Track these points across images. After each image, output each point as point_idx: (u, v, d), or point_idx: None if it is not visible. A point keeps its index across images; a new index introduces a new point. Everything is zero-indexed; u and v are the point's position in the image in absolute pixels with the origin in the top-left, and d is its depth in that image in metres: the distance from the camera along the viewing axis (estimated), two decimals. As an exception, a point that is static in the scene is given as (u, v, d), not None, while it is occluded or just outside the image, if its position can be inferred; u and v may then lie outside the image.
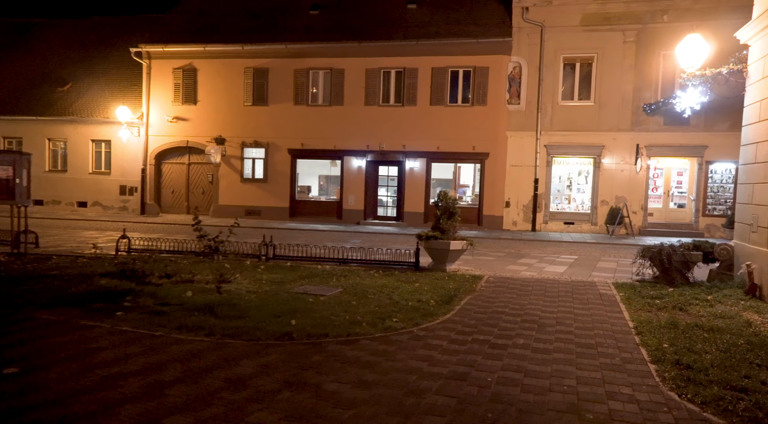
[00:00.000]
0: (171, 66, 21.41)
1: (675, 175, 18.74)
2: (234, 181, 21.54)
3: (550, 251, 14.03)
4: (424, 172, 20.27)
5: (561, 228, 19.13)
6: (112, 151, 22.07)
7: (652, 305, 7.21)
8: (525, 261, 11.85)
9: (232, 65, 21.04)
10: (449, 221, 9.80)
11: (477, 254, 12.58)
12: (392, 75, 20.28)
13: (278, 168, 21.22)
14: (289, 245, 10.87)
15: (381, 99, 20.37)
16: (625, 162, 18.54)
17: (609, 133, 18.60)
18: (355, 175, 20.76)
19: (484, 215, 19.80)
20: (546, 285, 8.75)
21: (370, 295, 7.32)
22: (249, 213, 21.45)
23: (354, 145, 20.53)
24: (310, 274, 8.91)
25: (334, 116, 20.59)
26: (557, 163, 19.37)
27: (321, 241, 14.93)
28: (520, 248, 14.76)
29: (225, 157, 21.42)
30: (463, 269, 10.19)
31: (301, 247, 10.92)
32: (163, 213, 22.13)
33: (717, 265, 9.24)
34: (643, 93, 18.35)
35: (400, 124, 20.16)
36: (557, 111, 19.07)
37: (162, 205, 22.31)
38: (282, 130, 20.98)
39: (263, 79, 20.94)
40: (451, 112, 19.79)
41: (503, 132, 19.44)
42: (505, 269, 10.52)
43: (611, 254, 13.82)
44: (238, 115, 21.24)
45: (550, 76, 19.04)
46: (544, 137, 19.12)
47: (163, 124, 21.64)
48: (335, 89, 20.54)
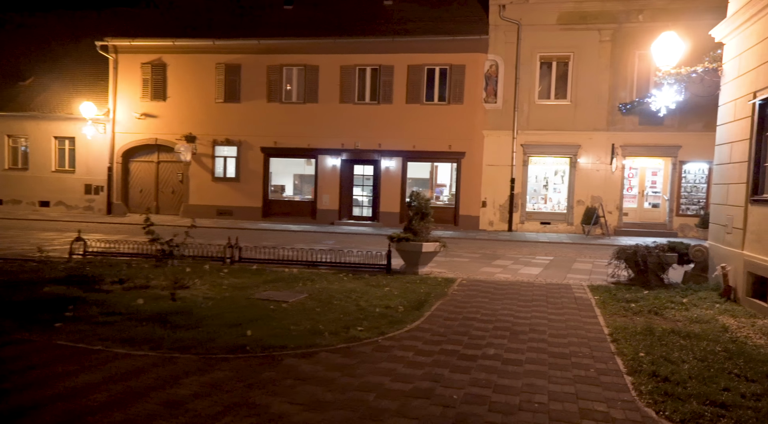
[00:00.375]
0: (139, 61, 20.68)
1: (649, 175, 18.78)
2: (205, 180, 20.93)
3: (525, 252, 13.84)
4: (400, 172, 19.95)
5: (537, 228, 19.01)
6: (77, 149, 21.25)
7: (628, 309, 6.99)
8: (500, 262, 11.61)
9: (203, 61, 20.42)
10: (422, 222, 9.48)
11: (452, 256, 12.32)
12: (368, 72, 19.92)
13: (251, 167, 20.68)
14: (257, 247, 10.44)
15: (356, 97, 19.99)
16: (601, 162, 18.50)
17: (585, 133, 18.54)
18: (329, 175, 20.35)
19: (461, 215, 19.58)
20: (520, 288, 8.50)
21: (336, 301, 6.95)
22: (221, 213, 20.87)
23: (329, 144, 20.11)
24: (275, 278, 8.50)
25: (309, 114, 20.14)
26: (534, 162, 19.25)
27: (293, 242, 14.51)
28: (496, 248, 14.55)
29: (196, 155, 20.79)
30: (436, 271, 9.89)
31: (269, 249, 10.49)
32: (131, 213, 21.39)
33: (692, 266, 9.11)
34: (619, 92, 18.32)
35: (375, 123, 19.81)
36: (534, 110, 18.93)
37: (129, 204, 21.57)
38: (255, 128, 20.44)
39: (235, 75, 20.37)
40: (427, 110, 19.52)
41: (480, 131, 19.24)
42: (479, 271, 10.25)
43: (587, 254, 13.69)
44: (209, 113, 20.63)
45: (526, 75, 18.89)
46: (521, 136, 18.98)
47: (131, 121, 20.91)
48: (309, 86, 20.09)
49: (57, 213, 21.12)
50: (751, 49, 7.56)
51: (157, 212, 21.38)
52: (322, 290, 7.66)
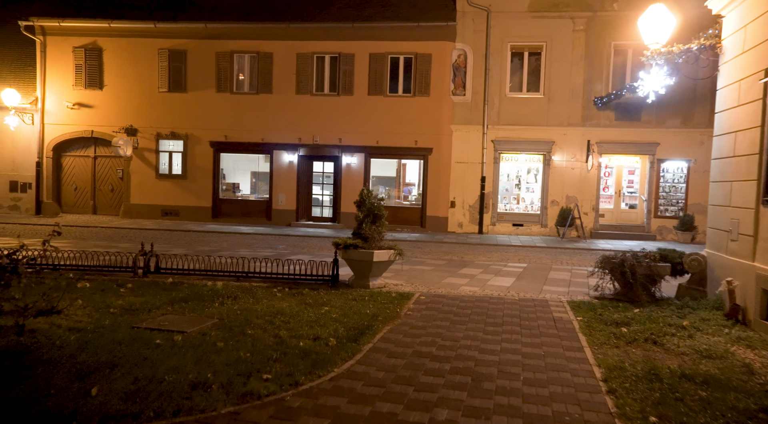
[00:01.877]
0: (71, 44, 18.61)
1: (626, 174, 17.70)
2: (148, 177, 18.99)
3: (496, 258, 12.47)
4: (362, 169, 18.42)
5: (509, 230, 17.73)
6: (0, 142, 19.02)
7: (620, 337, 5.61)
8: (468, 271, 10.18)
9: (143, 46, 18.48)
10: (374, 226, 7.97)
11: (413, 263, 10.85)
12: (326, 61, 18.31)
13: (199, 163, 18.84)
14: (188, 255, 8.77)
15: (314, 87, 18.37)
16: (576, 159, 17.33)
17: (559, 129, 17.34)
18: (285, 172, 18.68)
19: (428, 216, 18.16)
20: (489, 306, 7.06)
21: (251, 329, 5.37)
22: (166, 213, 18.97)
23: (284, 138, 18.44)
24: (189, 295, 6.85)
25: (262, 106, 18.42)
26: (505, 159, 17.97)
27: (237, 247, 12.82)
28: (464, 253, 13.15)
29: (137, 149, 18.84)
30: (391, 283, 8.39)
31: (201, 256, 8.84)
32: (65, 213, 19.30)
33: (687, 278, 7.83)
34: (594, 85, 17.18)
35: (335, 116, 18.23)
36: (505, 103, 17.65)
37: (63, 204, 19.47)
38: (203, 121, 18.62)
39: (180, 62, 18.50)
40: (391, 103, 18.03)
41: (447, 125, 17.86)
42: (442, 283, 8.79)
43: (563, 260, 12.40)
44: (152, 103, 18.71)
45: (497, 66, 17.59)
46: (492, 132, 17.67)
47: (63, 111, 18.81)
48: (263, 75, 18.37)
49: (-22, 213, 18.87)
50: (761, 18, 6.28)
51: (94, 212, 19.36)
52: (240, 312, 6.07)
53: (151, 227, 16.86)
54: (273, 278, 8.15)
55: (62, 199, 19.45)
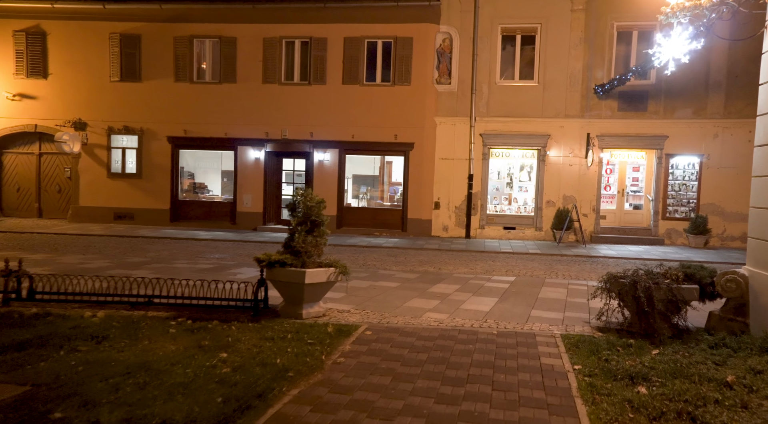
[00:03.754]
0: (10, 27, 16.71)
1: (630, 171, 15.84)
2: (99, 176, 17.09)
3: (481, 269, 10.60)
4: (336, 167, 16.54)
5: (500, 234, 15.86)
6: (-66, 138, 17.13)
7: (638, 406, 3.74)
8: (441, 288, 8.30)
9: (92, 30, 16.59)
10: (309, 237, 6.09)
11: (379, 277, 8.98)
12: (296, 46, 16.43)
13: (156, 161, 16.95)
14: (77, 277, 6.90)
15: (283, 76, 16.49)
16: (575, 155, 15.47)
17: (555, 120, 15.48)
18: (252, 170, 16.79)
19: (409, 219, 16.28)
20: (455, 346, 5.19)
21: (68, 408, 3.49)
22: (119, 217, 17.07)
23: (250, 133, 16.56)
24: (37, 337, 4.97)
25: (226, 97, 16.54)
26: (495, 155, 16.10)
27: (179, 257, 10.92)
28: (444, 263, 11.27)
29: (87, 145, 16.94)
30: (335, 310, 6.52)
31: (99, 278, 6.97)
32: (6, 217, 17.40)
33: (720, 303, 5.96)
34: (595, 72, 15.32)
35: (306, 107, 16.36)
36: (495, 93, 15.78)
37: (4, 206, 17.56)
38: (160, 114, 16.73)
39: (134, 48, 16.61)
40: (368, 92, 16.16)
41: (431, 118, 15.99)
42: (403, 308, 6.91)
43: (559, 271, 10.52)
44: (102, 94, 16.81)
45: (486, 51, 15.73)
46: (480, 124, 15.80)
47: (3, 102, 16.91)
48: (226, 63, 16.49)
49: None
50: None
51: (40, 216, 17.47)
52: (85, 368, 4.19)
53: (97, 232, 14.97)
54: (180, 305, 6.27)
55: (3, 201, 17.54)
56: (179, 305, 6.23)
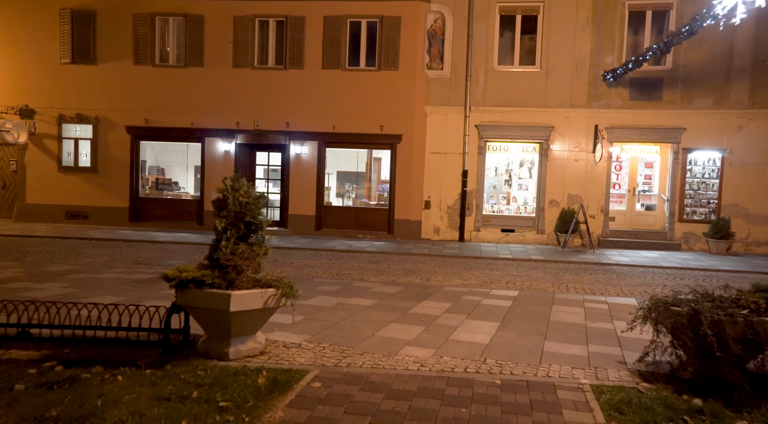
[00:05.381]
0: (-52, 2, 14.89)
1: (643, 168, 14.24)
2: (49, 170, 15.26)
3: (476, 279, 8.92)
4: (315, 161, 14.81)
5: (498, 237, 14.20)
6: None
7: None
8: (427, 308, 6.59)
9: (40, 4, 14.77)
10: (242, 246, 4.38)
11: (352, 291, 7.29)
12: (271, 26, 14.69)
13: (113, 153, 15.14)
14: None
15: (256, 59, 14.74)
16: (581, 149, 13.84)
17: (559, 111, 13.85)
18: (221, 165, 15.03)
19: (396, 220, 14.59)
20: (440, 409, 3.50)
21: None
22: (72, 216, 15.26)
23: (219, 123, 14.80)
24: None
25: (192, 82, 14.78)
26: (492, 149, 14.43)
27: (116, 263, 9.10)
28: (433, 272, 9.59)
29: (35, 135, 15.11)
30: (282, 343, 4.82)
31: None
32: (-53, 215, 15.54)
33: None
34: (604, 57, 13.69)
35: (282, 95, 14.63)
36: (492, 79, 14.12)
37: (-55, 203, 15.71)
38: (117, 101, 14.94)
39: (87, 26, 14.80)
40: (350, 78, 14.46)
41: (421, 107, 14.31)
42: (375, 339, 5.21)
43: (569, 282, 8.86)
44: (52, 78, 14.99)
45: (482, 33, 14.07)
46: (476, 115, 14.14)
47: (-60, 87, 15.07)
48: (192, 44, 14.72)
49: None
50: None
51: (-16, 214, 15.61)
52: None
53: (40, 233, 13.16)
54: (66, 339, 4.52)
55: (-57, 197, 15.70)
56: (63, 340, 4.49)
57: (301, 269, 9.67)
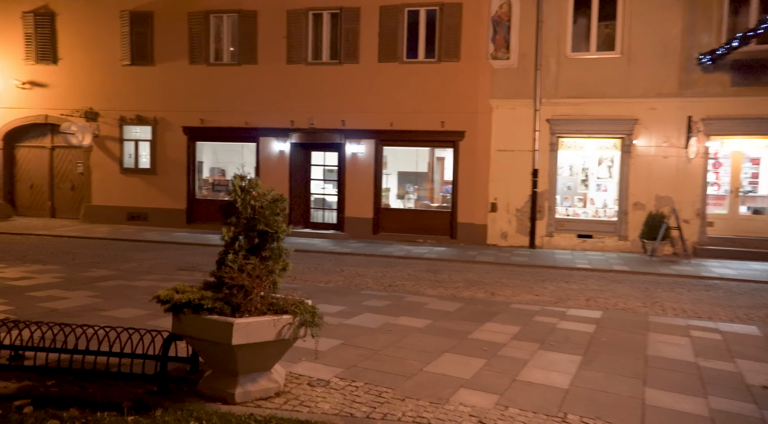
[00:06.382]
0: (19, 8, 15.29)
1: (748, 165, 12.28)
2: (111, 172, 15.39)
3: (549, 295, 7.68)
4: (372, 160, 13.98)
5: (573, 243, 12.73)
6: (-54, 131, 16.04)
7: None
8: (489, 333, 5.49)
9: (102, 7, 14.89)
10: (253, 260, 3.52)
11: (402, 308, 6.30)
12: (325, 19, 14.01)
13: (170, 154, 15.04)
14: None
15: (310, 54, 14.11)
16: (671, 144, 12.11)
17: (644, 101, 12.19)
18: (275, 165, 14.53)
19: (459, 224, 13.47)
20: None
21: None
22: (132, 217, 15.30)
23: (273, 122, 14.30)
24: None
25: (246, 80, 14.38)
26: (566, 146, 12.98)
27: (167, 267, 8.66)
28: (499, 284, 8.44)
29: (99, 138, 15.28)
30: (306, 379, 3.91)
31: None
32: (20, 216, 16.07)
33: None
34: (698, 37, 11.90)
35: (337, 91, 13.91)
36: (566, 68, 12.68)
37: (18, 204, 16.23)
38: (174, 101, 14.81)
39: (145, 27, 14.76)
40: (408, 72, 13.50)
41: (485, 101, 13.11)
42: (422, 377, 4.19)
43: (664, 301, 7.42)
44: (114, 80, 15.09)
45: (553, 16, 12.67)
46: (547, 108, 12.76)
47: (13, 91, 15.55)
48: (246, 41, 14.32)
49: None
50: None
51: (53, 215, 16.01)
52: None
53: (100, 235, 13.17)
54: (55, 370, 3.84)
55: (17, 199, 16.22)
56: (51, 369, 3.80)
57: (351, 277, 8.83)
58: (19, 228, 13.90)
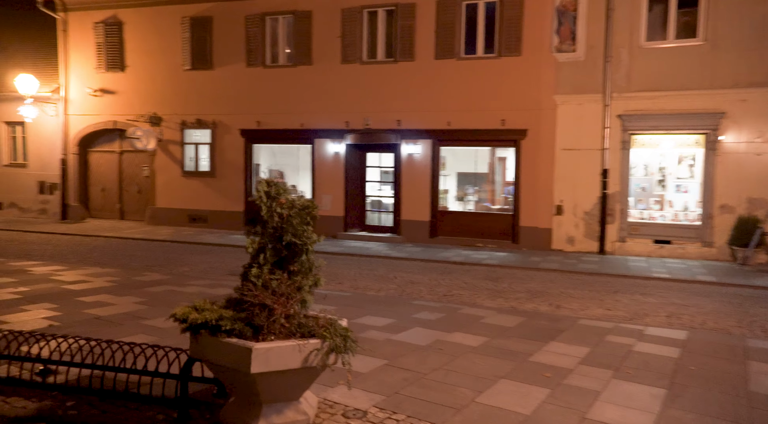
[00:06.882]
0: (92, 19, 15.97)
1: None
2: (174, 175, 15.77)
3: (623, 309, 6.89)
4: (428, 161, 13.47)
5: (649, 250, 11.66)
6: (28, 137, 17.01)
7: None
8: (553, 355, 4.86)
9: (165, 14, 15.27)
10: (278, 275, 3.14)
11: (456, 322, 5.77)
12: (380, 16, 13.65)
13: (228, 157, 15.20)
14: None
15: (365, 53, 13.80)
16: (765, 140, 10.81)
17: (732, 92, 10.95)
18: (331, 167, 14.34)
19: (521, 227, 12.71)
20: None
21: None
22: (193, 219, 15.61)
23: (328, 123, 14.11)
24: None
25: (301, 81, 14.27)
26: (640, 144, 11.93)
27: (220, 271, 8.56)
28: (565, 295, 7.71)
29: (162, 142, 15.69)
30: (341, 408, 3.48)
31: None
32: (92, 218, 16.81)
33: None
34: (799, 18, 10.54)
35: (392, 90, 13.52)
36: (639, 59, 11.64)
37: (90, 207, 16.98)
38: (232, 104, 14.95)
39: (205, 32, 14.99)
40: (466, 68, 12.90)
41: (549, 97, 12.28)
42: (474, 408, 3.66)
43: (760, 318, 6.43)
44: (176, 85, 15.45)
45: (626, 4, 11.67)
46: (618, 103, 11.76)
47: (86, 99, 16.27)
48: (300, 42, 14.21)
49: (3, 218, 16.99)
50: None
51: (121, 217, 16.63)
52: None
53: (161, 237, 13.47)
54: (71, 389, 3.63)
55: (90, 201, 16.97)
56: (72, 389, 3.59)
57: (404, 285, 8.38)
58: (90, 230, 14.48)
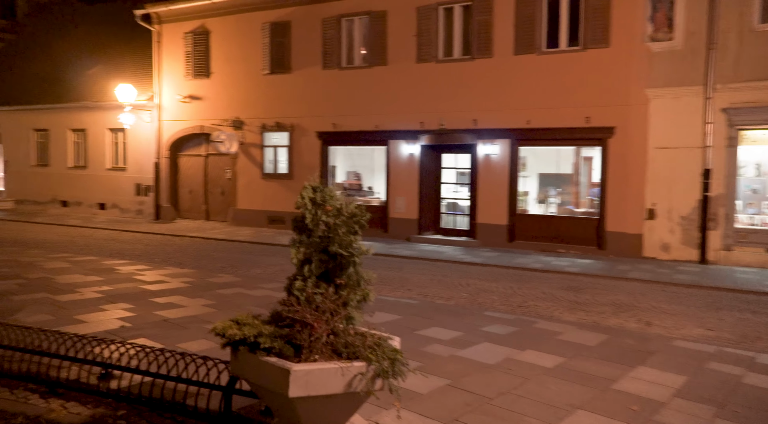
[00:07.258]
0: (182, 30, 16.84)
1: None
2: (254, 177, 16.27)
3: (728, 330, 6.06)
4: (506, 161, 12.85)
5: (761, 260, 10.35)
6: (127, 142, 18.28)
7: None
8: (640, 384, 4.28)
9: (247, 21, 15.76)
10: (323, 289, 2.90)
11: (530, 338, 5.34)
12: (456, 12, 13.21)
13: (305, 159, 15.43)
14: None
15: (440, 51, 13.43)
16: None
17: None
18: (405, 168, 14.10)
19: (608, 232, 11.78)
20: None
21: None
22: (272, 221, 16.01)
23: (403, 124, 13.88)
24: None
25: (375, 83, 14.17)
26: (750, 140, 10.62)
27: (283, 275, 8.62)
28: (657, 313, 6.93)
29: (244, 145, 16.24)
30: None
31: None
32: (181, 218, 17.77)
33: None
34: None
35: (468, 89, 13.05)
36: (750, 44, 10.34)
37: (179, 208, 17.95)
38: (308, 107, 15.15)
39: (284, 36, 15.30)
40: (548, 63, 12.15)
41: (640, 90, 11.26)
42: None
43: None
44: (256, 89, 15.92)
45: (735, -18, 10.41)
46: (723, 95, 10.53)
47: (175, 105, 17.21)
48: (376, 42, 14.10)
49: (105, 217, 18.42)
50: None
51: (207, 218, 17.44)
52: None
53: (241, 237, 13.92)
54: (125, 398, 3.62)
55: (179, 203, 17.94)
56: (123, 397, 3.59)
57: (476, 294, 7.96)
58: (177, 230, 15.28)
